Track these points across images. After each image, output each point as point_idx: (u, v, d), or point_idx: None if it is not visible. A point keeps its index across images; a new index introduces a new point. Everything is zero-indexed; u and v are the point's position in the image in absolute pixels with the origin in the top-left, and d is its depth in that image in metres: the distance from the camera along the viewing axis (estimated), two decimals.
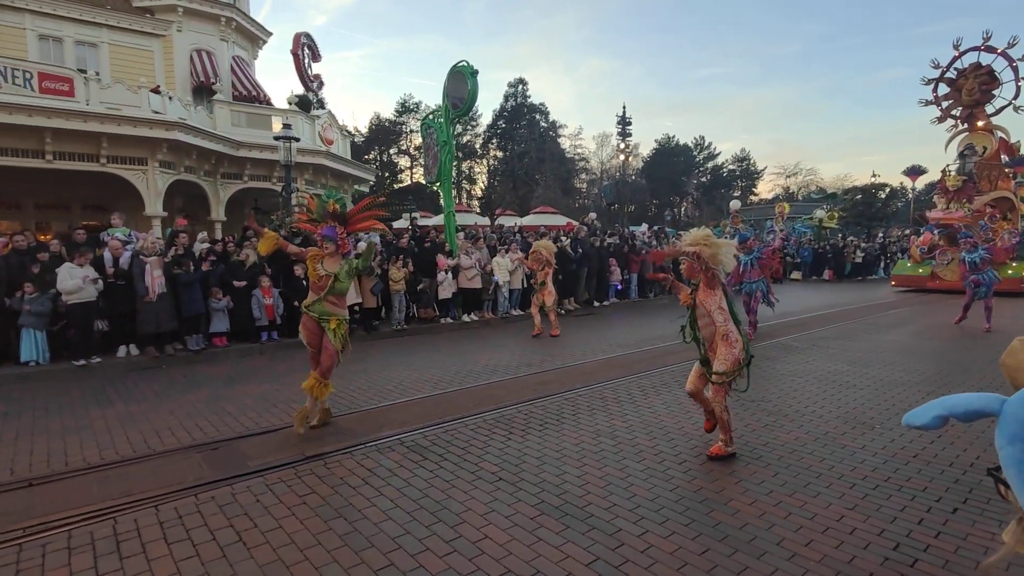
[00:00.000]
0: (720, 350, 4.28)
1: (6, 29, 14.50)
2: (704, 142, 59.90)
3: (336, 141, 18.50)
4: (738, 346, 4.27)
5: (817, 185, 58.00)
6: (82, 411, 5.94)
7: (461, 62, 12.31)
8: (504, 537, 3.26)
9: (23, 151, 11.31)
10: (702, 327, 4.39)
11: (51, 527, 3.43)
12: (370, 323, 10.52)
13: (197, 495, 3.86)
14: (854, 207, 39.15)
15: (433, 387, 6.72)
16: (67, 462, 4.53)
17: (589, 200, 52.21)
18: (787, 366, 7.57)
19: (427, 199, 35.72)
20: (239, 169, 15.55)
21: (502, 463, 4.33)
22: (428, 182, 14.75)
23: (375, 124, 49.46)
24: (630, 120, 32.83)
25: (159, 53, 16.84)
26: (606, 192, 22.44)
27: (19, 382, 7.21)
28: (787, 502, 3.65)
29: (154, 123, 12.30)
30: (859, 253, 24.16)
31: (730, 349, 4.24)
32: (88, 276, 7.79)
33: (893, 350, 8.61)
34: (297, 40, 19.15)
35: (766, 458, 4.38)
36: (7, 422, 5.57)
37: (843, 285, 21.43)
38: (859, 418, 5.33)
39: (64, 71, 12.00)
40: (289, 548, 3.17)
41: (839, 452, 4.49)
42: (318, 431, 5.17)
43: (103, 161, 12.13)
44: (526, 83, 49.26)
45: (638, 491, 3.82)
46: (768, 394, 6.18)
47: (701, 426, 5.10)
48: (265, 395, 6.44)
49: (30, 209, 14.67)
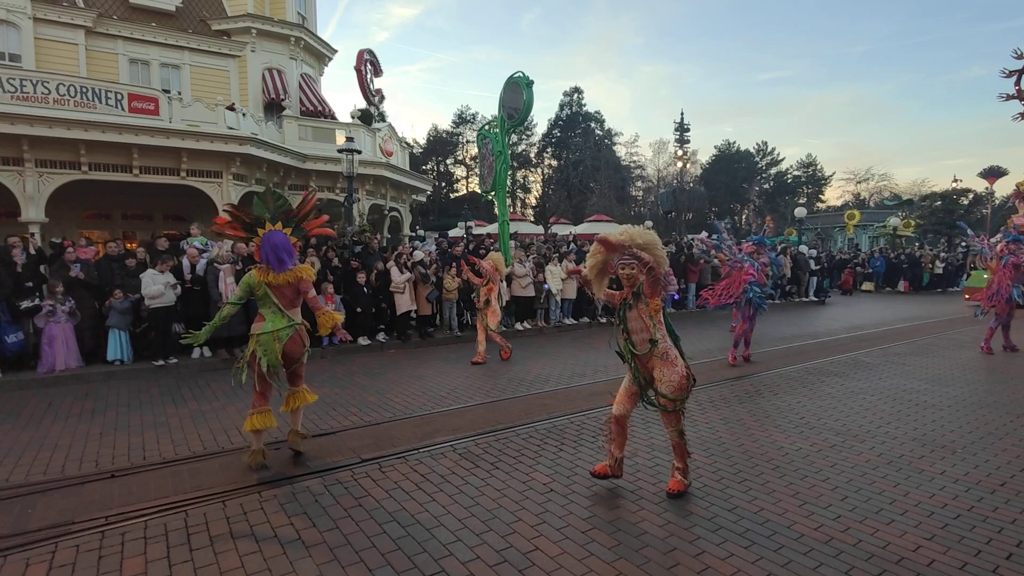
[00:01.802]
0: (659, 371, 3.79)
1: (102, 55, 15.81)
2: (767, 147, 57.85)
3: (395, 152, 19.04)
4: (679, 364, 3.81)
5: (891, 191, 54.79)
6: (160, 408, 6.34)
7: (517, 73, 12.42)
8: (555, 550, 3.22)
9: (113, 166, 12.26)
10: (637, 343, 3.83)
11: (130, 517, 3.67)
12: (425, 330, 10.73)
13: (260, 492, 4.04)
14: (932, 214, 36.75)
15: (485, 395, 6.76)
16: (145, 456, 4.84)
17: (645, 208, 51.33)
18: (857, 383, 7.15)
19: (482, 208, 36.18)
20: (305, 181, 16.25)
21: (554, 474, 4.29)
22: (483, 191, 14.92)
23: (433, 135, 50.63)
24: (688, 126, 32.40)
25: (234, 72, 17.88)
26: (663, 200, 22.03)
27: (105, 380, 7.78)
28: (857, 528, 3.43)
29: (229, 138, 13.07)
30: (938, 263, 22.59)
31: (672, 369, 3.76)
32: (169, 282, 8.35)
33: (976, 368, 7.99)
34: (360, 57, 19.90)
35: (833, 480, 4.14)
36: (95, 418, 6.01)
37: (920, 297, 20.08)
38: (938, 441, 4.96)
39: (150, 92, 12.93)
40: (345, 549, 3.26)
41: (915, 477, 4.19)
42: (370, 437, 5.29)
43: (183, 174, 12.97)
44: (581, 92, 49.17)
45: (694, 509, 3.70)
46: (836, 412, 5.86)
47: (763, 444, 4.90)
48: (325, 398, 6.66)
49: (118, 219, 15.85)
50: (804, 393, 6.66)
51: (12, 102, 10.95)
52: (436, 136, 50.58)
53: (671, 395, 3.77)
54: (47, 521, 3.62)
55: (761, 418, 5.68)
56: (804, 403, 6.22)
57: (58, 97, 11.38)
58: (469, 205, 33.90)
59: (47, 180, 11.64)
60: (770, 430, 5.30)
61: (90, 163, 11.91)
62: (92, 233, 14.40)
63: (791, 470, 4.34)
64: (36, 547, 3.31)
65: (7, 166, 11.29)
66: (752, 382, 7.28)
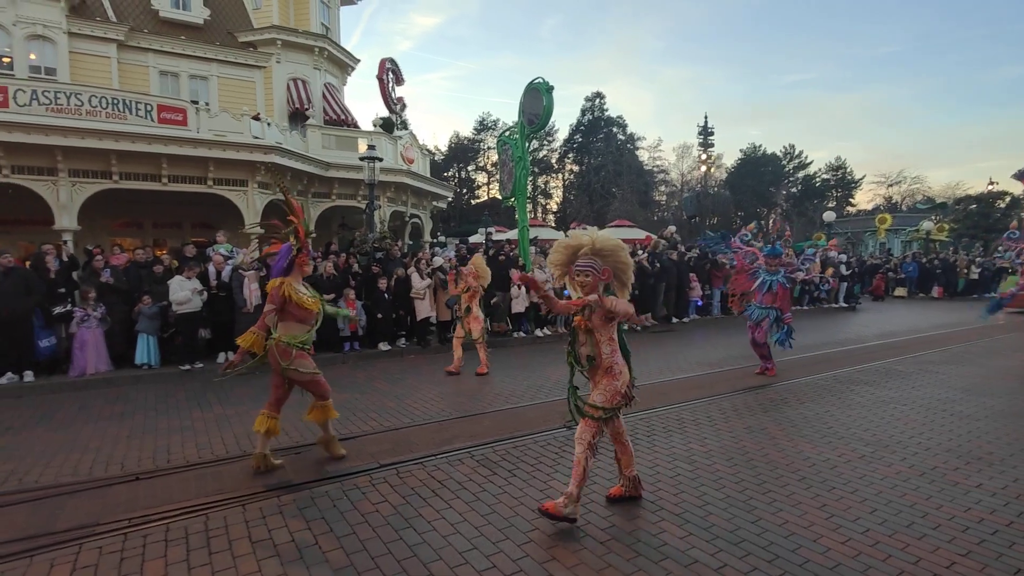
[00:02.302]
0: (602, 383, 3.65)
1: (133, 68, 16.31)
2: (794, 150, 56.91)
3: (416, 160, 19.21)
4: (622, 379, 3.64)
5: (924, 194, 53.34)
6: (185, 412, 6.46)
7: (537, 79, 12.43)
8: (573, 560, 3.17)
9: (143, 175, 12.60)
10: (581, 356, 3.68)
11: (152, 519, 3.72)
12: (445, 336, 10.74)
13: (280, 496, 4.07)
14: (967, 218, 35.61)
15: (504, 401, 6.73)
16: (169, 459, 4.93)
17: (668, 213, 50.88)
18: (888, 392, 6.93)
19: (503, 214, 36.25)
20: (328, 188, 16.48)
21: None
22: (503, 197, 14.95)
23: (454, 142, 51.06)
24: (712, 129, 31.97)
25: (260, 83, 18.28)
26: (686, 204, 21.77)
27: (133, 383, 7.97)
28: (886, 543, 3.31)
29: (254, 147, 13.33)
30: (974, 268, 21.86)
31: (612, 381, 3.61)
32: (196, 288, 8.53)
33: (1014, 377, 7.68)
34: (382, 66, 20.18)
35: (862, 492, 4.00)
36: (123, 421, 6.15)
37: (954, 303, 19.43)
38: (974, 453, 4.77)
39: (179, 103, 13.28)
40: (361, 555, 3.26)
41: (949, 490, 4.03)
42: (389, 442, 5.30)
43: (210, 183, 13.27)
44: (603, 96, 49.16)
45: (716, 521, 3.61)
46: (866, 422, 5.68)
47: (788, 453, 4.77)
48: (346, 403, 6.70)
49: (149, 228, 16.30)
50: (832, 402, 6.48)
51: (47, 114, 11.35)
52: (457, 143, 51.01)
53: (600, 403, 3.59)
54: (74, 522, 3.70)
55: (787, 427, 5.54)
56: (832, 412, 6.04)
57: (91, 109, 11.75)
58: (490, 211, 33.96)
59: (80, 189, 12.01)
60: (796, 440, 5.16)
61: (121, 172, 12.25)
62: (124, 241, 14.83)
63: (818, 481, 4.21)
64: (62, 548, 3.37)
65: (42, 176, 11.68)
66: (777, 390, 7.11)
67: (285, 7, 18.90)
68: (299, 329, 4.55)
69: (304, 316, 4.56)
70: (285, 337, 4.48)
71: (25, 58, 14.62)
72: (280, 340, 4.47)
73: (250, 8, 18.69)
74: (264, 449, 4.52)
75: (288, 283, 4.48)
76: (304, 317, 4.56)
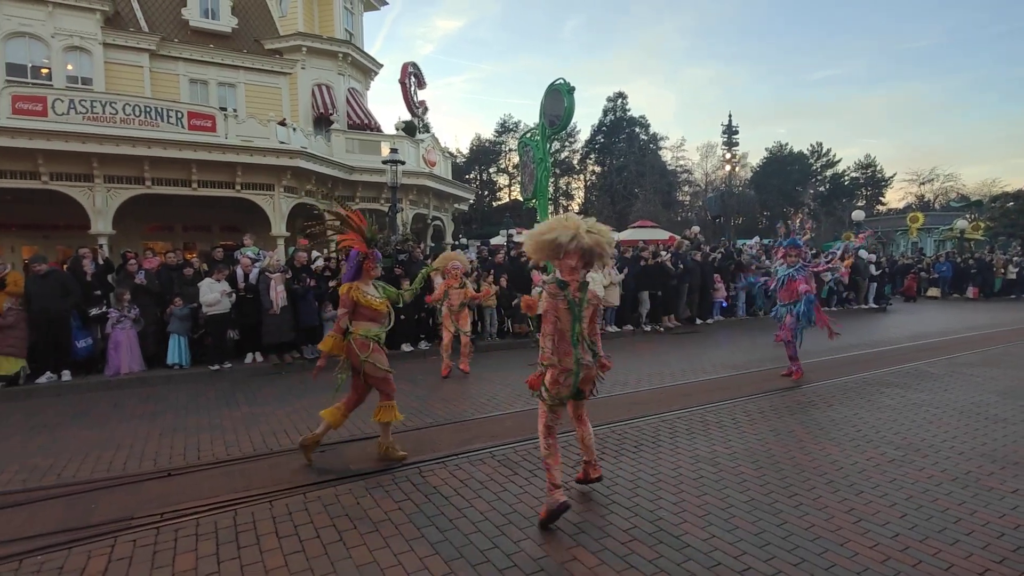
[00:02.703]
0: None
1: (164, 76, 16.79)
2: (821, 149, 55.86)
3: (438, 163, 19.37)
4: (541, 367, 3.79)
5: (958, 192, 51.75)
6: (215, 411, 6.62)
7: (558, 80, 12.43)
8: (593, 560, 3.17)
9: (174, 180, 12.97)
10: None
11: (183, 514, 3.83)
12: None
13: (305, 494, 4.14)
14: (1004, 215, 34.41)
15: (525, 403, 6.72)
16: (199, 456, 5.06)
17: (692, 213, 50.33)
18: (920, 394, 6.75)
19: (524, 216, 36.25)
20: (352, 192, 16.72)
21: (593, 484, 4.23)
22: (525, 199, 14.97)
23: (476, 145, 51.32)
24: (736, 128, 31.37)
25: (286, 89, 18.64)
26: (710, 204, 21.48)
27: (165, 383, 8.19)
28: (916, 548, 3.23)
29: (280, 152, 13.62)
30: (1011, 268, 21.15)
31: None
32: (225, 290, 8.74)
33: None
34: (404, 70, 20.40)
35: (892, 496, 3.91)
36: (155, 420, 6.33)
37: (990, 304, 18.83)
38: (1010, 458, 4.62)
39: (208, 109, 13.64)
40: (384, 551, 3.30)
41: (984, 495, 3.91)
42: (411, 441, 5.35)
43: (238, 188, 13.59)
44: (625, 97, 48.97)
45: (740, 523, 3.57)
46: (896, 425, 5.54)
47: (815, 457, 4.69)
48: (369, 403, 6.77)
49: (179, 231, 16.76)
50: (861, 405, 6.34)
51: (84, 122, 11.77)
52: (479, 145, 51.26)
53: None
54: (109, 516, 3.82)
55: (814, 430, 5.44)
56: (861, 415, 5.91)
57: (124, 117, 12.14)
58: (511, 213, 34.02)
59: (114, 194, 12.42)
60: (823, 443, 5.06)
61: (153, 178, 12.64)
62: (156, 244, 15.26)
63: (846, 485, 4.13)
64: (98, 540, 3.50)
65: (78, 182, 12.11)
66: (804, 392, 6.98)
67: (310, 14, 19.25)
68: (373, 326, 4.81)
69: (375, 315, 4.80)
70: (361, 330, 4.72)
71: (63, 69, 15.17)
72: (357, 334, 4.72)
73: (276, 16, 19.07)
74: (318, 433, 4.79)
75: (356, 287, 4.72)
76: (375, 316, 4.80)
